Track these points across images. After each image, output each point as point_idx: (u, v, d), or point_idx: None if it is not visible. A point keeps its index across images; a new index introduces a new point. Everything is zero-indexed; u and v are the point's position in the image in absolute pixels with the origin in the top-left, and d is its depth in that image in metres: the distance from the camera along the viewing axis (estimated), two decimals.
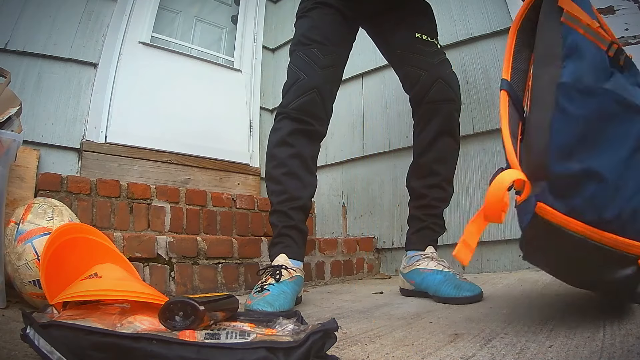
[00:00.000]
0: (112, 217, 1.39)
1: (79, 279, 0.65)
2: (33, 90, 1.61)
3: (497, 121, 1.63)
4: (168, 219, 1.51)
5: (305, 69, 1.17)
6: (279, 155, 1.17)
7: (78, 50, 1.73)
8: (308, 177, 1.20)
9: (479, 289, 1.01)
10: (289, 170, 1.16)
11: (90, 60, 1.77)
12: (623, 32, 1.49)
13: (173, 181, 1.89)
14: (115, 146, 1.78)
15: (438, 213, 1.22)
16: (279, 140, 1.17)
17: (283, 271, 1.06)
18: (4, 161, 0.89)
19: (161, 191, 1.55)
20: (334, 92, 1.24)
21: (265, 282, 1.04)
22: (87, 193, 1.38)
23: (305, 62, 1.17)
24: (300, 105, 1.15)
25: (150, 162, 1.86)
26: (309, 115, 1.16)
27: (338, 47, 1.22)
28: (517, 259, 1.56)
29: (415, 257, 1.17)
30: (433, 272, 1.10)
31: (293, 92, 1.17)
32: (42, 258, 0.70)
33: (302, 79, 1.16)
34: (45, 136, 1.61)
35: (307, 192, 1.19)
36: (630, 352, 0.51)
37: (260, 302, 0.95)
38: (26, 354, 0.57)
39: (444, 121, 1.19)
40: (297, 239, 1.16)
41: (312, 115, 1.17)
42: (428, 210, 1.21)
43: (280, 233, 1.15)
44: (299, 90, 1.16)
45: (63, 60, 1.69)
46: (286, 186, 1.16)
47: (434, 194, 1.21)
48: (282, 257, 1.11)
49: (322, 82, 1.17)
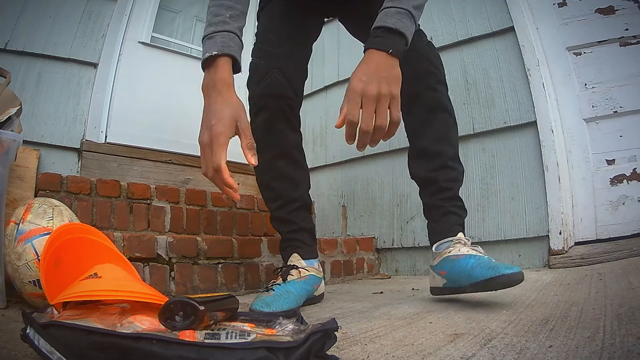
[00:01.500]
0: (112, 217, 1.39)
1: (79, 279, 0.65)
2: (33, 90, 1.61)
3: (498, 121, 1.64)
4: (168, 219, 1.51)
5: (261, 54, 1.12)
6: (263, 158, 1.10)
7: (78, 50, 1.73)
8: (299, 172, 1.16)
9: (518, 268, 0.85)
10: (277, 174, 1.13)
11: (90, 60, 1.76)
12: (623, 32, 1.49)
13: (173, 181, 1.89)
14: (115, 146, 1.78)
15: (454, 195, 1.08)
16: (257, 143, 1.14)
17: (292, 271, 1.06)
18: (4, 161, 0.89)
19: (161, 191, 1.55)
20: (301, 69, 1.15)
21: (274, 282, 1.05)
22: (87, 193, 1.38)
23: (262, 49, 1.13)
24: (263, 89, 1.08)
25: (150, 162, 1.86)
26: (276, 97, 1.09)
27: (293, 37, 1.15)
28: (517, 259, 1.56)
29: (445, 244, 1.02)
30: (465, 256, 0.93)
31: (254, 80, 1.11)
32: (42, 258, 0.70)
33: (259, 65, 1.11)
34: (45, 136, 1.61)
35: (301, 189, 1.17)
36: (630, 352, 0.51)
37: (258, 302, 0.96)
38: (26, 354, 0.57)
39: (429, 97, 1.08)
40: (305, 238, 1.15)
41: (279, 96, 1.09)
42: (443, 194, 1.07)
43: (287, 238, 1.16)
44: (259, 75, 1.10)
45: (63, 60, 1.69)
46: (278, 190, 1.14)
47: (443, 175, 1.07)
48: (294, 257, 1.11)
49: (283, 60, 1.09)
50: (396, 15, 0.85)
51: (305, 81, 1.18)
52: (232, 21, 0.87)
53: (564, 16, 1.62)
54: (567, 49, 1.60)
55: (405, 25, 0.85)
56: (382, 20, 0.86)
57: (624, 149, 1.47)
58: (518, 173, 1.60)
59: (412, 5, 0.87)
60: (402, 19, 0.85)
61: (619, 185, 1.46)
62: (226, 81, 0.83)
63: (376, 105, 0.80)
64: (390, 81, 0.81)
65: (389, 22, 0.85)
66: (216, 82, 0.82)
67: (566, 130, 1.57)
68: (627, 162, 1.46)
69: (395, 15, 0.85)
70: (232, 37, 0.86)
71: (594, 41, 1.55)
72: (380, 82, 0.80)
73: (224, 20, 0.87)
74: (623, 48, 1.50)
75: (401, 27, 0.84)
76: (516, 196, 1.59)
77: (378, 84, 0.80)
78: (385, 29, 0.85)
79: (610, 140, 1.50)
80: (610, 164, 1.49)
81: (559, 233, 1.47)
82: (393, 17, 0.85)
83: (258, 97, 1.10)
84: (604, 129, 1.52)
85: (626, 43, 1.50)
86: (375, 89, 0.79)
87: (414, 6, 0.87)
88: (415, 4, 0.87)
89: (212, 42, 0.85)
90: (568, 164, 1.55)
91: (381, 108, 0.80)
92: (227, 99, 0.82)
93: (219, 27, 0.86)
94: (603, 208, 1.48)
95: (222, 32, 0.86)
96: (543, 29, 1.64)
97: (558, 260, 1.43)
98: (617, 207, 1.45)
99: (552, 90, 1.60)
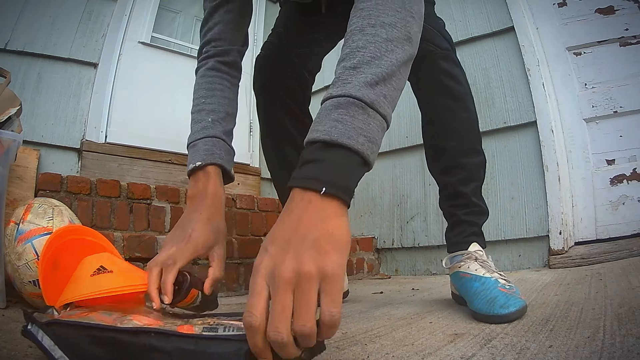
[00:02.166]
0: (112, 217, 1.39)
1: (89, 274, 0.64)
2: (33, 90, 1.61)
3: (497, 121, 1.64)
4: (168, 219, 1.51)
5: (266, 46, 1.12)
6: (267, 147, 1.15)
7: (78, 50, 1.73)
8: None
9: (518, 304, 0.77)
10: (281, 162, 1.13)
11: (90, 60, 1.76)
12: (623, 32, 1.49)
13: (173, 181, 1.89)
14: (115, 146, 1.78)
15: (467, 202, 0.96)
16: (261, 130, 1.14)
17: None
18: (4, 161, 0.89)
19: (161, 191, 1.55)
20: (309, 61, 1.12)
21: None
22: (87, 193, 1.38)
23: (268, 42, 1.13)
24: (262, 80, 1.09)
25: (150, 162, 1.86)
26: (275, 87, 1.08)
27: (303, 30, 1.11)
28: (517, 259, 1.57)
29: (458, 257, 0.95)
30: (471, 278, 0.88)
31: (255, 71, 1.11)
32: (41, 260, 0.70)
33: (261, 56, 1.11)
34: (45, 136, 1.61)
35: None
36: (630, 352, 0.51)
37: None
38: (26, 354, 0.56)
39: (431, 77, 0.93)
40: None
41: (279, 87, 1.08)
42: (455, 200, 0.97)
43: None
44: (258, 66, 1.10)
45: (63, 60, 1.69)
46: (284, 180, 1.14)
47: (452, 177, 0.96)
48: None
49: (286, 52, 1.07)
50: (333, 113, 0.47)
51: (315, 73, 1.16)
52: (215, 126, 0.79)
53: (564, 16, 1.62)
54: (567, 49, 1.60)
55: (350, 129, 0.46)
56: (311, 129, 0.48)
57: (624, 149, 1.47)
58: (518, 173, 1.60)
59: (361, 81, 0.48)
60: (344, 117, 0.46)
61: (619, 185, 1.46)
62: (210, 194, 0.72)
63: (294, 293, 0.41)
64: (321, 248, 0.42)
65: (320, 130, 0.47)
66: (197, 193, 0.72)
67: (566, 130, 1.57)
68: (627, 162, 1.46)
69: (332, 114, 0.47)
70: (216, 142, 0.77)
71: (594, 41, 1.55)
72: (300, 251, 0.42)
73: (206, 126, 0.79)
74: (623, 48, 1.50)
75: (341, 134, 0.46)
76: (516, 196, 1.59)
77: (296, 256, 0.42)
78: (315, 145, 0.47)
79: (610, 140, 1.50)
80: (610, 164, 1.49)
81: (559, 233, 1.47)
82: (327, 120, 0.47)
83: (258, 88, 1.11)
84: (604, 129, 1.52)
85: (626, 43, 1.50)
86: (290, 265, 0.41)
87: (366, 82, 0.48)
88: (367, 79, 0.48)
89: (194, 151, 0.77)
90: (568, 164, 1.56)
91: (302, 297, 0.40)
92: (202, 218, 0.69)
93: (201, 133, 0.78)
94: (603, 208, 1.48)
95: (204, 138, 0.77)
96: (543, 29, 1.64)
97: (558, 260, 1.43)
98: (617, 207, 1.45)
99: (552, 90, 1.60)
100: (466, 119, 0.96)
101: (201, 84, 0.85)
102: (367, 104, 0.47)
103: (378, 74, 0.49)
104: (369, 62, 0.49)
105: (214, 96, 0.83)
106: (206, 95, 0.83)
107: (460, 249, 0.95)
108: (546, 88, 1.57)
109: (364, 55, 0.49)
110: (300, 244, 0.42)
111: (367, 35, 0.51)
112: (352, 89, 0.47)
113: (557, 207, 1.49)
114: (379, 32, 0.51)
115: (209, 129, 0.78)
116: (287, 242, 0.43)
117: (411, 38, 0.54)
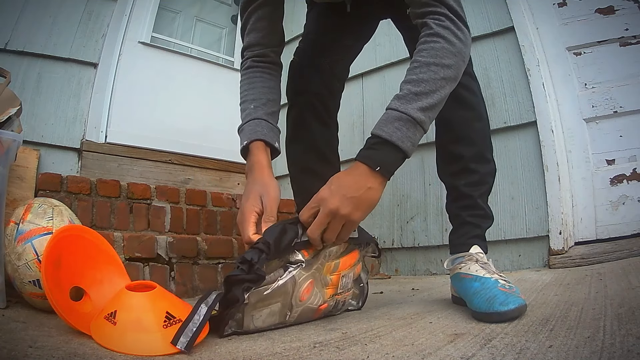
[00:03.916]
0: (112, 217, 1.39)
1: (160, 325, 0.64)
2: (33, 90, 1.61)
3: (497, 121, 1.64)
4: (168, 219, 1.51)
5: (298, 52, 1.16)
6: (293, 152, 1.17)
7: (78, 50, 1.73)
8: (325, 168, 1.11)
9: (518, 302, 0.77)
10: (304, 167, 1.15)
11: (90, 60, 1.77)
12: (623, 32, 1.49)
13: (173, 181, 1.89)
14: (115, 146, 1.78)
15: (473, 203, 0.99)
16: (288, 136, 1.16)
17: None
18: (4, 161, 0.89)
19: (161, 191, 1.55)
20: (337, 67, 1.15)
21: None
22: (87, 193, 1.38)
23: (300, 48, 1.16)
24: (294, 86, 1.13)
25: (150, 162, 1.86)
26: (306, 93, 1.12)
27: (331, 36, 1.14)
28: (517, 259, 1.56)
29: (459, 259, 0.97)
30: (471, 278, 0.90)
31: (289, 77, 1.15)
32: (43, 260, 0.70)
33: (294, 62, 1.14)
34: (45, 136, 1.61)
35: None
36: (630, 352, 0.51)
37: None
38: (26, 354, 0.56)
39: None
40: None
41: (310, 92, 1.12)
42: (461, 202, 1.00)
43: None
44: (292, 72, 1.14)
45: (63, 60, 1.69)
46: (303, 184, 1.15)
47: (463, 180, 0.99)
48: None
49: (317, 58, 1.11)
50: (395, 122, 0.74)
51: (344, 80, 1.19)
52: (257, 110, 0.93)
53: (564, 16, 1.62)
54: (567, 49, 1.60)
55: (404, 136, 0.73)
56: (378, 126, 0.76)
57: (624, 149, 1.47)
58: (518, 173, 1.60)
59: (419, 107, 0.74)
60: (402, 128, 0.73)
61: (619, 185, 1.46)
62: (257, 163, 0.88)
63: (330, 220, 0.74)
64: (357, 205, 0.73)
65: (385, 130, 0.74)
66: (249, 166, 0.89)
67: (566, 130, 1.57)
68: (627, 162, 1.46)
69: (395, 122, 0.74)
70: (259, 123, 0.91)
71: (594, 41, 1.55)
72: (345, 201, 0.72)
73: (249, 112, 0.93)
74: (623, 48, 1.50)
75: (398, 138, 0.73)
76: (516, 196, 1.59)
77: (341, 202, 0.72)
78: (380, 139, 0.74)
79: (610, 140, 1.50)
80: (610, 164, 1.49)
81: (558, 233, 1.47)
82: (391, 125, 0.74)
83: (290, 93, 1.15)
84: (604, 129, 1.52)
85: (626, 43, 1.50)
86: (335, 204, 0.72)
87: (421, 108, 0.74)
88: (423, 105, 0.74)
89: (242, 134, 0.92)
90: (568, 164, 1.55)
91: (332, 226, 0.74)
92: (255, 178, 0.87)
93: (246, 119, 0.93)
94: (603, 208, 1.48)
95: (249, 121, 0.92)
96: (543, 29, 1.64)
97: (558, 260, 1.43)
98: (617, 207, 1.45)
99: (552, 90, 1.60)
100: (480, 129, 1.02)
101: (243, 81, 0.98)
102: (418, 123, 0.74)
103: (431, 103, 0.75)
104: (427, 94, 0.74)
105: (255, 87, 0.96)
106: (248, 89, 0.96)
107: (462, 251, 0.97)
108: (546, 88, 1.57)
109: (424, 87, 0.74)
110: (348, 194, 0.72)
111: (430, 71, 0.75)
112: (412, 110, 0.74)
113: (557, 207, 1.48)
114: (439, 72, 0.75)
115: (252, 114, 0.92)
116: (342, 188, 0.73)
117: (458, 77, 0.80)
